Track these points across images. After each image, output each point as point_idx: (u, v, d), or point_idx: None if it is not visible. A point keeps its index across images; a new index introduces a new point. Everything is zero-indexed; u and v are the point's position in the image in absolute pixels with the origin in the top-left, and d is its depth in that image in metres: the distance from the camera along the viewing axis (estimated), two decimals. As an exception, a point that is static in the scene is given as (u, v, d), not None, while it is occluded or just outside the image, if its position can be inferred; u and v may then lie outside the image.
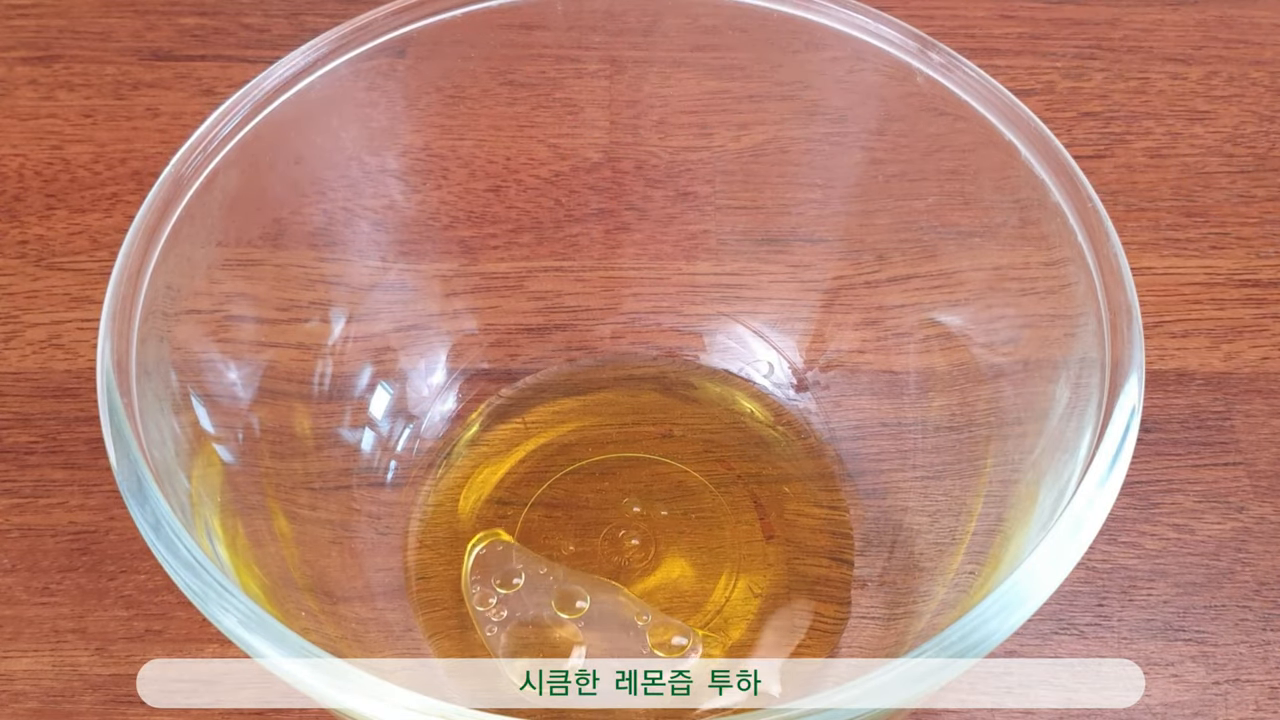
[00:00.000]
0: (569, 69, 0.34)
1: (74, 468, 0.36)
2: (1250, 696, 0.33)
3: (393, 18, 0.30)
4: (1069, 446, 0.25)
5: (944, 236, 0.33)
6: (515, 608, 0.32)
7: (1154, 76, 0.44)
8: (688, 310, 0.38)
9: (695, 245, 0.37)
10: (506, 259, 0.37)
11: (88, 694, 0.32)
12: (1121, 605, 0.34)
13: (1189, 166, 0.42)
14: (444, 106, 0.34)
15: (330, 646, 0.22)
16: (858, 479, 0.35)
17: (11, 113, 0.43)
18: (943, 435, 0.33)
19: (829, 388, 0.36)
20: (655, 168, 0.36)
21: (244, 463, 0.29)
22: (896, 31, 0.29)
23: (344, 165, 0.33)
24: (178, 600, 0.33)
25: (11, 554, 0.34)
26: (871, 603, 0.33)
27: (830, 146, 0.34)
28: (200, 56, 0.45)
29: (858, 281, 0.35)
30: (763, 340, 0.37)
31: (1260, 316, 0.39)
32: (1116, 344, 0.25)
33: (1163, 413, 0.37)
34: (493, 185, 0.36)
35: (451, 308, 0.36)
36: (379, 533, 0.34)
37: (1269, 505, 0.36)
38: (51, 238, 0.40)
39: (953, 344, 0.33)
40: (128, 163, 0.42)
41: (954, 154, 0.30)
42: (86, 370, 0.37)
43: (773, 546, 0.34)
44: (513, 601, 0.32)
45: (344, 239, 0.34)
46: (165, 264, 0.26)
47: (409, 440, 0.35)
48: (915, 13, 0.46)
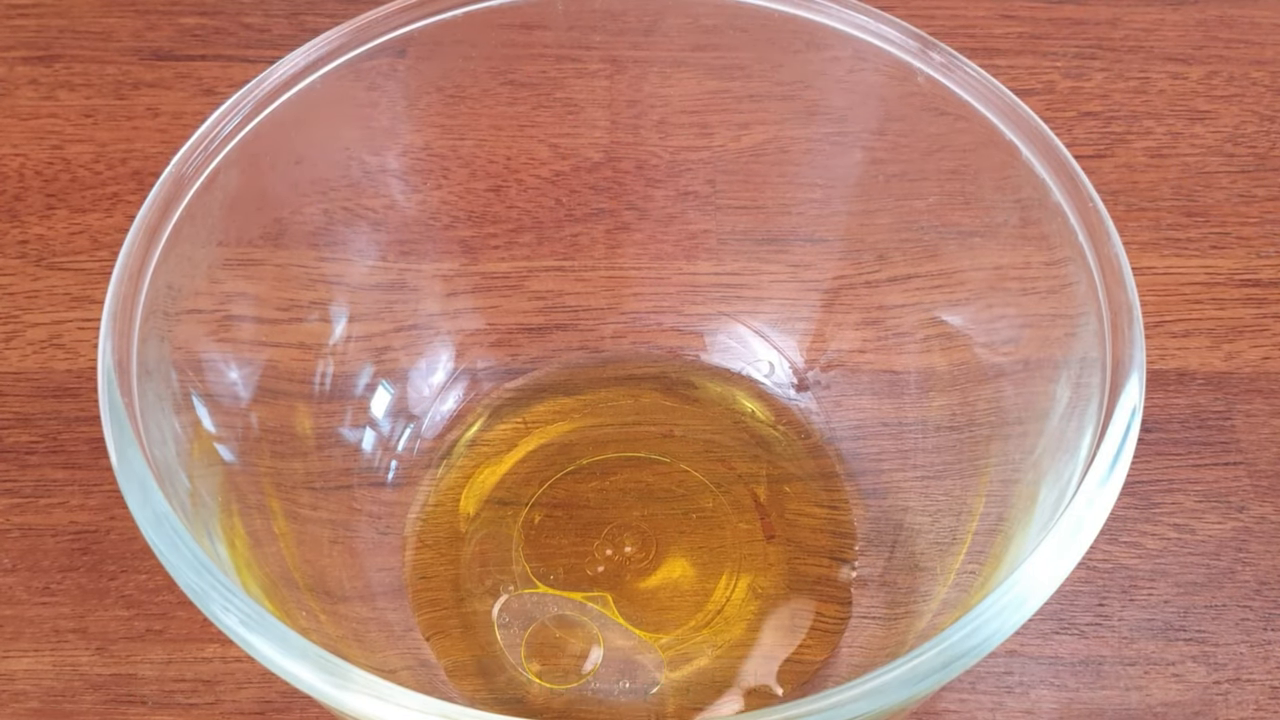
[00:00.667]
0: (569, 69, 0.34)
1: (74, 467, 0.36)
2: (1251, 696, 0.33)
3: (393, 18, 0.30)
4: (1070, 446, 0.25)
5: (945, 236, 0.33)
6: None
7: (1154, 76, 0.44)
8: (688, 310, 0.38)
9: (696, 245, 0.37)
10: (507, 259, 0.37)
11: (88, 694, 0.32)
12: (1122, 605, 0.34)
13: (1189, 166, 0.42)
14: (444, 106, 0.34)
15: (331, 646, 0.22)
16: (858, 479, 0.35)
17: (12, 112, 0.43)
18: (943, 435, 0.33)
19: (830, 387, 0.36)
20: (656, 167, 0.36)
21: (245, 462, 0.29)
22: (897, 31, 0.29)
23: (345, 165, 0.33)
24: (178, 600, 0.33)
25: (12, 554, 0.34)
26: (872, 602, 0.33)
27: (831, 146, 0.34)
28: (201, 56, 0.45)
29: (858, 281, 0.35)
30: (763, 340, 0.37)
31: (1261, 316, 0.39)
32: (1117, 344, 0.25)
33: (1163, 412, 0.37)
34: (493, 185, 0.36)
35: (452, 307, 0.36)
36: (379, 532, 0.34)
37: (1269, 505, 0.36)
38: (52, 237, 0.40)
39: (953, 344, 0.33)
40: (128, 162, 0.42)
41: (955, 154, 0.30)
42: (87, 370, 0.37)
43: (773, 546, 0.34)
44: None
45: (345, 239, 0.34)
46: (166, 264, 0.26)
47: (409, 440, 0.35)
48: (916, 12, 0.46)
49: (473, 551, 0.34)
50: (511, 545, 0.34)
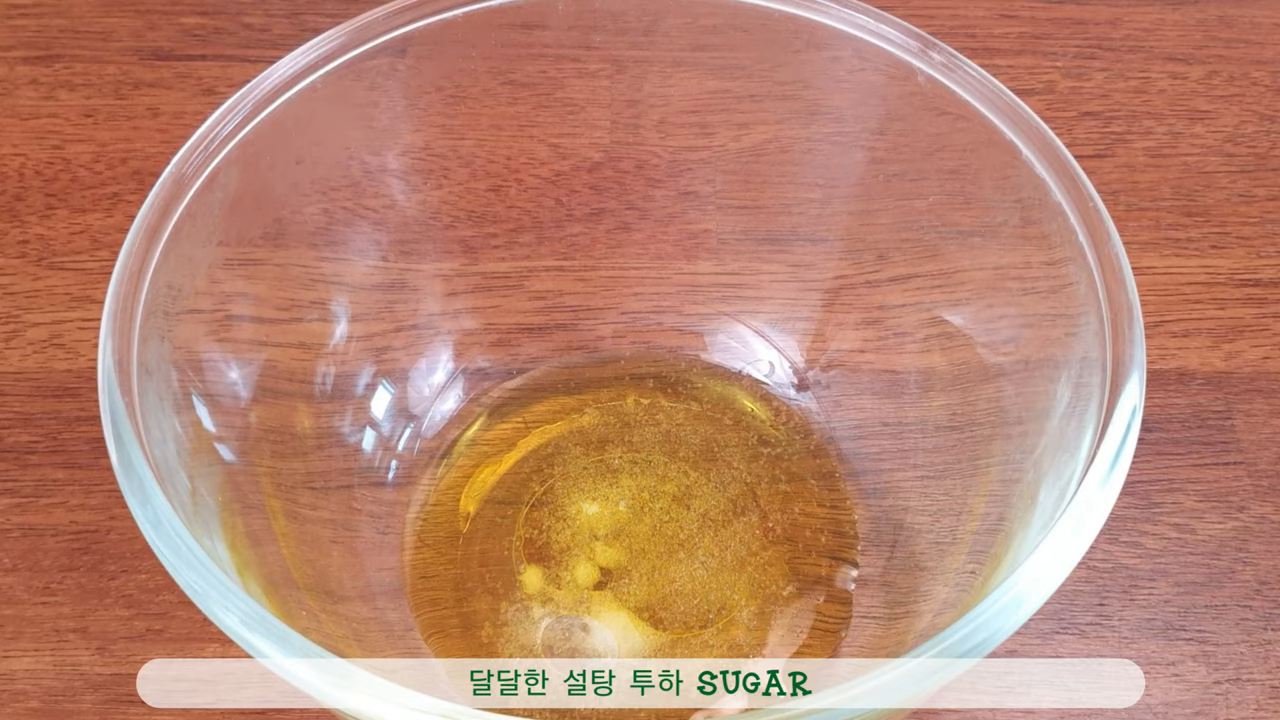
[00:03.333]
0: (570, 68, 0.34)
1: (75, 467, 0.36)
2: (1251, 696, 0.33)
3: (393, 17, 0.30)
4: (1070, 446, 0.25)
5: (945, 236, 0.33)
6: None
7: (1155, 76, 0.44)
8: (689, 310, 0.38)
9: (696, 245, 0.37)
10: (507, 258, 0.37)
11: (88, 693, 0.32)
12: (1122, 605, 0.34)
13: (1190, 166, 0.42)
14: (445, 106, 0.34)
15: (331, 646, 0.22)
16: (859, 478, 0.35)
17: (12, 112, 0.43)
18: (944, 435, 0.33)
19: (830, 387, 0.36)
20: (656, 167, 0.36)
21: (245, 462, 0.29)
22: (897, 31, 0.29)
23: (345, 165, 0.33)
24: (178, 599, 0.33)
25: (12, 553, 0.34)
26: (873, 602, 0.33)
27: (831, 146, 0.34)
28: (201, 56, 0.45)
29: (858, 281, 0.35)
30: (764, 340, 0.37)
31: (1261, 316, 0.39)
32: (1117, 343, 0.25)
33: (1164, 412, 0.37)
34: (494, 185, 0.36)
35: (452, 307, 0.36)
36: (379, 532, 0.34)
37: (1270, 505, 0.36)
38: (52, 237, 0.40)
39: (954, 343, 0.33)
40: (128, 162, 0.42)
41: (955, 153, 0.30)
42: (87, 370, 0.37)
43: (774, 546, 0.34)
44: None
45: (345, 238, 0.34)
46: (166, 263, 0.26)
47: (410, 439, 0.35)
48: (916, 12, 0.46)
49: (473, 551, 0.34)
50: (511, 545, 0.34)
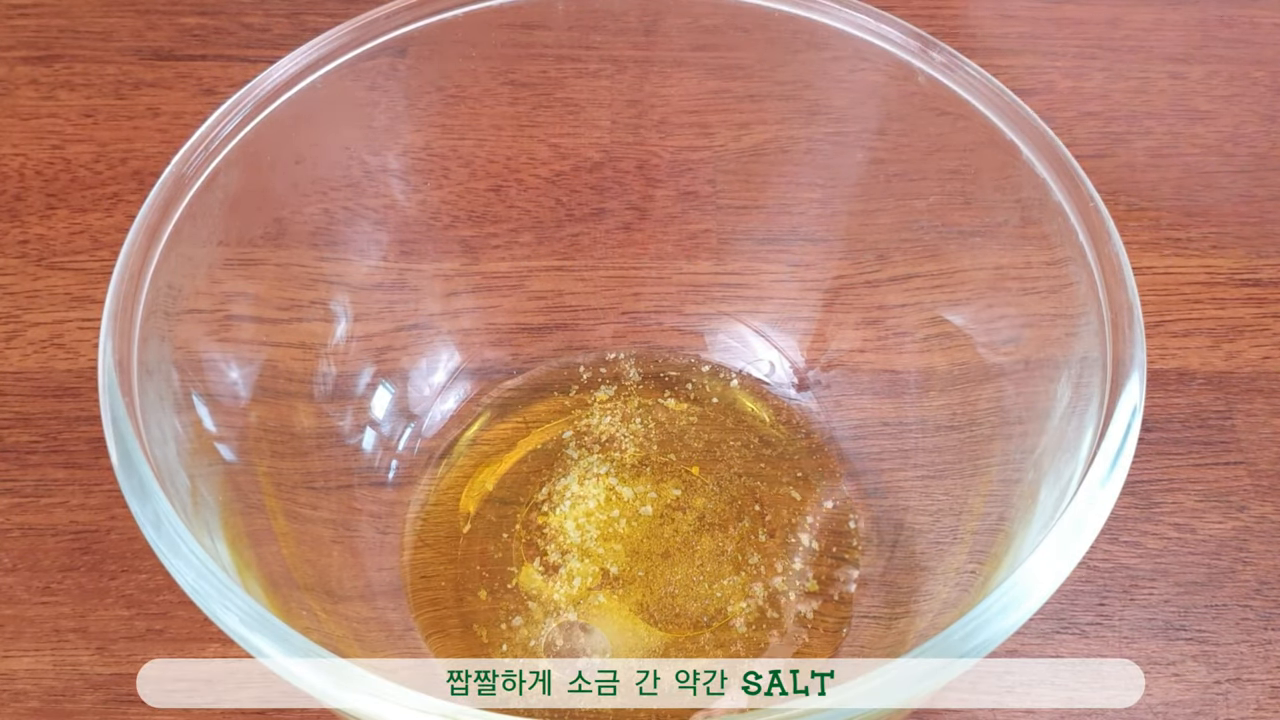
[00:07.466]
0: (570, 68, 0.34)
1: (75, 467, 0.36)
2: (1251, 696, 0.33)
3: (393, 17, 0.30)
4: (1070, 446, 0.25)
5: (945, 236, 0.33)
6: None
7: (1155, 76, 0.44)
8: (689, 309, 0.38)
9: (696, 245, 0.37)
10: (507, 258, 0.37)
11: (88, 693, 0.32)
12: (1123, 604, 0.34)
13: (1190, 166, 0.42)
14: (445, 106, 0.34)
15: (331, 646, 0.22)
16: (859, 478, 0.35)
17: (12, 112, 0.43)
18: (944, 434, 0.33)
19: (830, 387, 0.36)
20: (656, 167, 0.36)
21: (245, 462, 0.29)
22: (898, 31, 0.29)
23: (345, 165, 0.33)
24: (179, 599, 0.33)
25: (12, 553, 0.34)
26: (873, 602, 0.33)
27: (831, 146, 0.34)
28: (201, 56, 0.45)
29: (859, 281, 0.35)
30: (764, 339, 0.37)
31: (1261, 316, 0.39)
32: (1118, 343, 0.25)
33: (1164, 412, 0.37)
34: (494, 185, 0.36)
35: (452, 307, 0.36)
36: (380, 532, 0.34)
37: (1270, 504, 0.36)
38: (52, 237, 0.40)
39: (954, 343, 0.33)
40: (128, 162, 0.42)
41: (955, 153, 0.30)
42: (88, 369, 0.37)
43: (774, 546, 0.34)
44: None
45: (345, 238, 0.34)
46: (167, 263, 0.26)
47: (410, 439, 0.35)
48: (916, 12, 0.46)
49: (473, 551, 0.34)
50: (511, 545, 0.34)
